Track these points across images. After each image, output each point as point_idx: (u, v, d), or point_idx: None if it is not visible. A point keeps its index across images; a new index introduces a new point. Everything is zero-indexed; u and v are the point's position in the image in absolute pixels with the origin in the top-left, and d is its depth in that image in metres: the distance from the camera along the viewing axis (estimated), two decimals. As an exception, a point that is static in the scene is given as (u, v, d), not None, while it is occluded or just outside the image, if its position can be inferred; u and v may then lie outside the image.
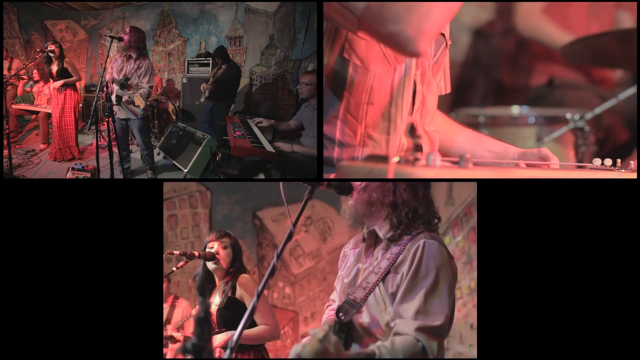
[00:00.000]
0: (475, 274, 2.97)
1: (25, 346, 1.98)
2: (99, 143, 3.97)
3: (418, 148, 1.40)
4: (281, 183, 1.55)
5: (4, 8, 5.71)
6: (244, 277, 2.29)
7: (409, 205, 1.61)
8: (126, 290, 2.00)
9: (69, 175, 4.01)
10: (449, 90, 2.02)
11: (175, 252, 2.29)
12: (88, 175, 3.96)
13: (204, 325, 1.99)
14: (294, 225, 1.50)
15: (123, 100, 3.86)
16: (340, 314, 1.58)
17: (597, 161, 1.71)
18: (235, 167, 3.85)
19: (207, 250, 2.30)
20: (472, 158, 1.43)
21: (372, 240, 1.68)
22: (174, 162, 4.25)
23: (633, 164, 1.72)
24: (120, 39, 3.85)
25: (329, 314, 1.78)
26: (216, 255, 2.28)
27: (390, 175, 1.33)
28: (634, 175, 1.71)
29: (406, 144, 1.78)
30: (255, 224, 3.51)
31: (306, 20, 4.88)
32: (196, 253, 2.28)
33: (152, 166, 4.35)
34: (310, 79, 3.53)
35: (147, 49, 4.18)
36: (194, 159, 3.95)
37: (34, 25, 6.35)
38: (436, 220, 1.66)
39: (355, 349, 1.57)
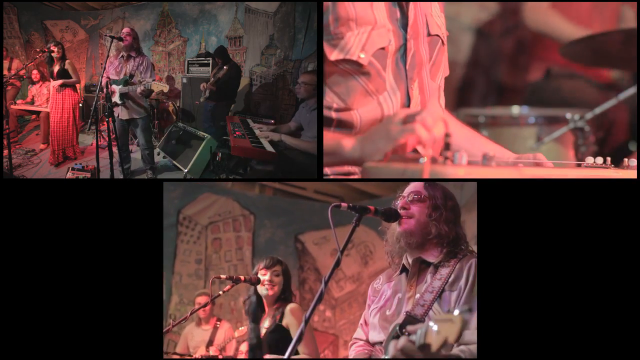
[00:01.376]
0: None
1: (25, 346, 1.98)
2: (99, 143, 3.97)
3: (447, 147, 1.42)
4: (330, 209, 1.56)
5: (4, 8, 5.71)
6: (293, 305, 2.31)
7: (464, 239, 1.72)
8: (126, 290, 2.00)
9: (69, 175, 4.01)
10: (447, 72, 2.00)
11: (222, 276, 2.32)
12: (88, 175, 3.96)
13: (256, 351, 2.03)
14: (342, 252, 1.53)
15: (138, 91, 3.88)
16: (404, 330, 1.58)
17: (590, 160, 1.72)
18: (240, 176, 3.87)
19: (259, 276, 2.30)
20: (494, 157, 1.47)
21: (417, 268, 1.70)
22: (174, 162, 4.25)
23: (627, 161, 1.73)
24: (120, 39, 3.88)
25: (357, 350, 1.78)
26: (269, 283, 2.28)
27: (426, 175, 1.34)
28: (634, 175, 1.71)
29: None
30: (297, 248, 3.57)
31: (306, 20, 4.88)
32: (242, 277, 2.28)
33: (152, 166, 4.35)
34: (309, 79, 3.53)
35: (148, 49, 4.25)
36: (194, 159, 3.95)
37: (34, 25, 6.35)
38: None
39: None
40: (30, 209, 2.03)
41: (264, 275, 2.29)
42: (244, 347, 2.42)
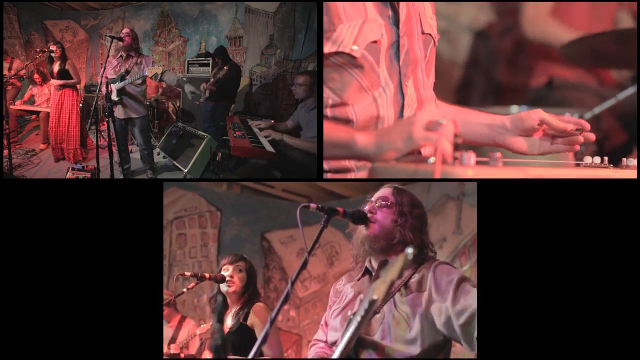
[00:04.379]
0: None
1: (25, 346, 1.98)
2: (99, 143, 3.97)
3: (455, 147, 1.42)
4: (299, 209, 1.56)
5: (4, 8, 5.71)
6: (259, 305, 2.26)
7: (429, 247, 1.72)
8: (126, 290, 2.00)
9: (69, 175, 4.01)
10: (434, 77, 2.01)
11: (186, 273, 2.27)
12: (88, 175, 3.97)
13: (221, 352, 2.00)
14: (309, 253, 1.53)
15: (136, 81, 3.86)
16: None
17: (588, 159, 1.73)
18: (240, 174, 3.85)
19: (222, 273, 2.26)
20: (501, 157, 1.47)
21: (380, 270, 1.70)
22: (174, 162, 4.26)
23: (625, 161, 1.73)
24: (120, 39, 3.88)
25: (316, 351, 1.79)
26: (230, 279, 2.23)
27: (438, 176, 1.34)
28: (634, 175, 1.71)
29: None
30: (263, 246, 3.51)
31: (306, 20, 4.88)
32: (207, 275, 2.24)
33: (152, 166, 4.36)
34: (304, 80, 3.53)
35: (148, 49, 4.24)
36: (193, 159, 3.95)
37: (34, 25, 6.36)
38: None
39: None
40: (30, 209, 2.03)
41: (227, 271, 2.24)
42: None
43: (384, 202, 1.69)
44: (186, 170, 3.91)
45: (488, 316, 1.89)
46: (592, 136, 1.77)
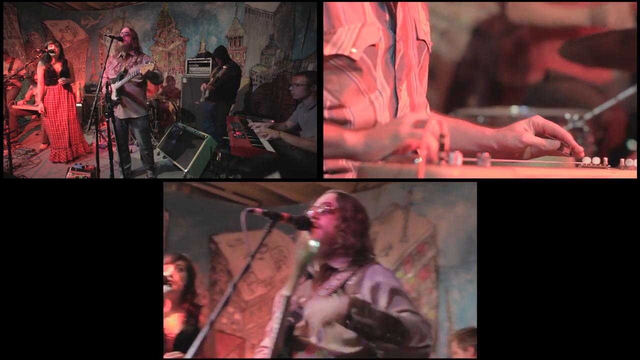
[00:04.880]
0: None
1: (24, 346, 1.99)
2: (99, 143, 3.98)
3: (442, 148, 1.42)
4: (244, 214, 1.58)
5: (4, 8, 5.72)
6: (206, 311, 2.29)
7: (370, 251, 1.75)
8: (126, 290, 2.00)
9: (69, 175, 4.02)
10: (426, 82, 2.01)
11: None
12: (88, 175, 3.97)
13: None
14: (252, 257, 1.55)
15: (134, 78, 3.85)
16: (290, 318, 1.64)
17: (587, 160, 1.73)
18: (246, 164, 3.82)
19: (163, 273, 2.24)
20: (489, 157, 1.46)
21: (323, 273, 1.72)
22: (174, 162, 4.26)
23: (623, 162, 1.74)
24: (120, 39, 3.89)
25: (260, 356, 1.80)
26: (171, 279, 2.24)
27: (421, 175, 1.34)
28: (634, 175, 1.71)
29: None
30: (210, 248, 3.46)
31: (306, 20, 4.89)
32: None
33: (152, 166, 4.36)
34: (302, 80, 3.53)
35: (148, 49, 4.23)
36: (193, 159, 3.96)
37: (34, 25, 6.36)
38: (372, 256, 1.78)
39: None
40: (30, 209, 2.03)
41: (167, 271, 2.24)
42: None
43: (327, 208, 1.72)
44: (186, 170, 3.92)
45: (488, 316, 1.89)
46: (581, 153, 1.77)
